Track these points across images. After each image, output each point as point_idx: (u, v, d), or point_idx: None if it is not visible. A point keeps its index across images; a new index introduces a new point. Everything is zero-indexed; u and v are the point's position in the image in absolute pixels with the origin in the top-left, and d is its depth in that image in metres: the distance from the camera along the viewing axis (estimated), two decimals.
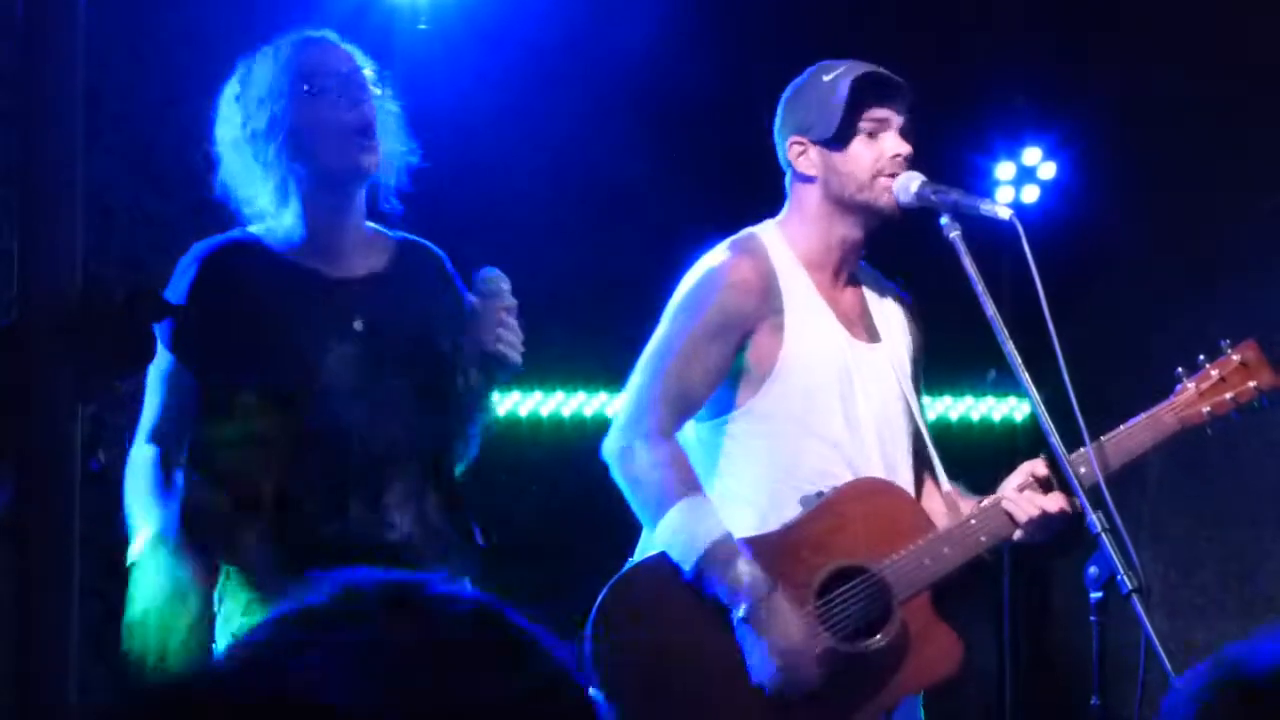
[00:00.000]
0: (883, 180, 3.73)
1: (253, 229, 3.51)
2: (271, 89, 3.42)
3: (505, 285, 3.51)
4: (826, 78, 3.78)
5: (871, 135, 3.76)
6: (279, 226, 3.48)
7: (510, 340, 3.48)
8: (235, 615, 3.40)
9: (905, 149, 3.76)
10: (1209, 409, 3.73)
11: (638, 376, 3.75)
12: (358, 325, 3.45)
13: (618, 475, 3.70)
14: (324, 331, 3.42)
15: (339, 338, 3.42)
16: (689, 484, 3.64)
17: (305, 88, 3.42)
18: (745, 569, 3.54)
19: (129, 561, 3.36)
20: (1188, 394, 3.74)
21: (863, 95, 3.74)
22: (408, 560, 3.38)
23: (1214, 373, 3.75)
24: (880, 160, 3.73)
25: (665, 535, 3.60)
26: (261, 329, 3.41)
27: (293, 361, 3.39)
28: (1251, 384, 3.74)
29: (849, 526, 3.67)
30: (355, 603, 1.30)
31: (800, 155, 3.79)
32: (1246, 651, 1.68)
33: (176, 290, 3.42)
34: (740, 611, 3.54)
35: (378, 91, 3.53)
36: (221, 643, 3.42)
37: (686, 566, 3.57)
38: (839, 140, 3.75)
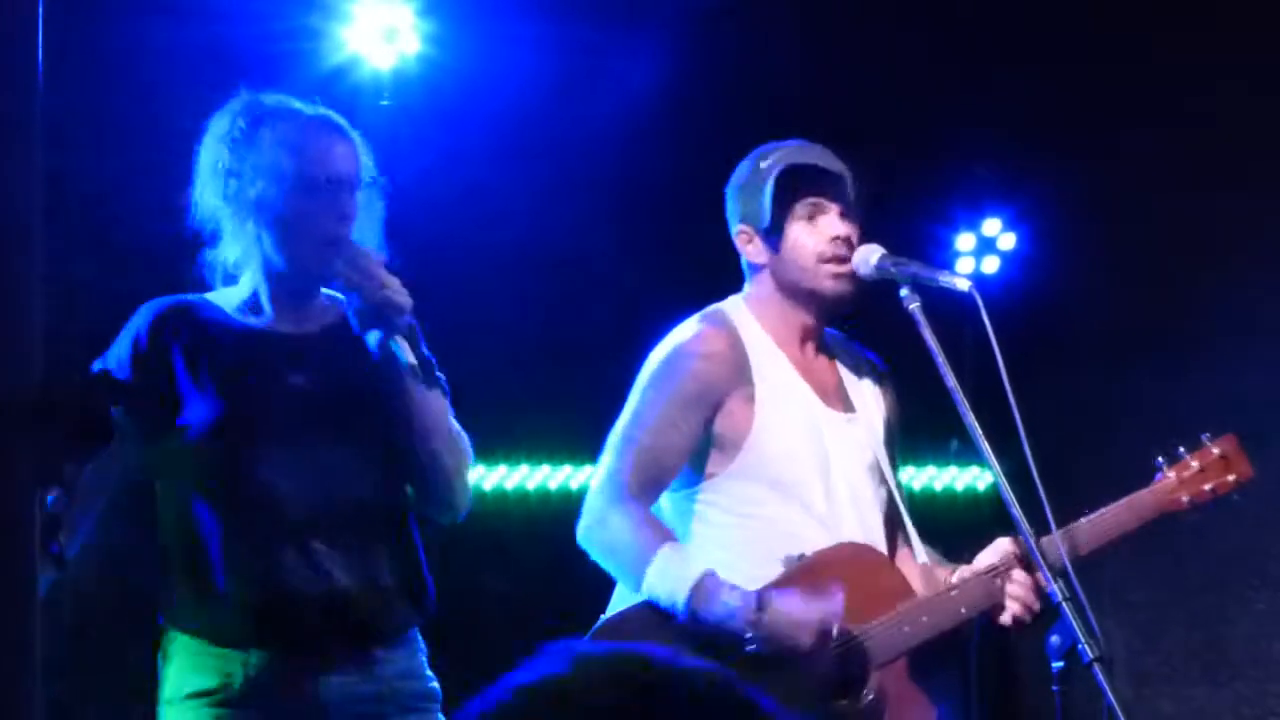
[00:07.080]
0: (827, 267, 3.75)
1: (208, 295, 3.51)
2: (272, 165, 3.39)
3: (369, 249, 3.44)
4: (763, 164, 3.80)
5: (811, 220, 3.77)
6: (235, 290, 3.48)
7: (393, 285, 3.37)
8: (190, 672, 3.36)
9: (844, 230, 3.77)
10: (1188, 498, 3.80)
11: (608, 454, 3.73)
12: (301, 380, 3.44)
13: (593, 548, 3.67)
14: (266, 384, 3.41)
15: (281, 390, 3.41)
16: (665, 535, 3.63)
17: (308, 177, 3.40)
18: (733, 593, 3.51)
19: None
20: (1168, 482, 3.80)
21: (796, 182, 3.76)
22: (347, 611, 3.37)
23: (1194, 464, 3.81)
24: (820, 245, 3.75)
25: (652, 587, 3.57)
26: (208, 384, 3.38)
27: (236, 417, 3.37)
28: (1230, 477, 3.82)
29: (829, 589, 3.65)
30: (590, 672, 1.36)
31: (748, 243, 3.83)
32: None
33: (122, 346, 3.42)
34: (744, 622, 3.49)
35: (367, 180, 3.50)
36: (171, 693, 3.39)
37: (680, 607, 3.53)
38: (776, 229, 3.77)
